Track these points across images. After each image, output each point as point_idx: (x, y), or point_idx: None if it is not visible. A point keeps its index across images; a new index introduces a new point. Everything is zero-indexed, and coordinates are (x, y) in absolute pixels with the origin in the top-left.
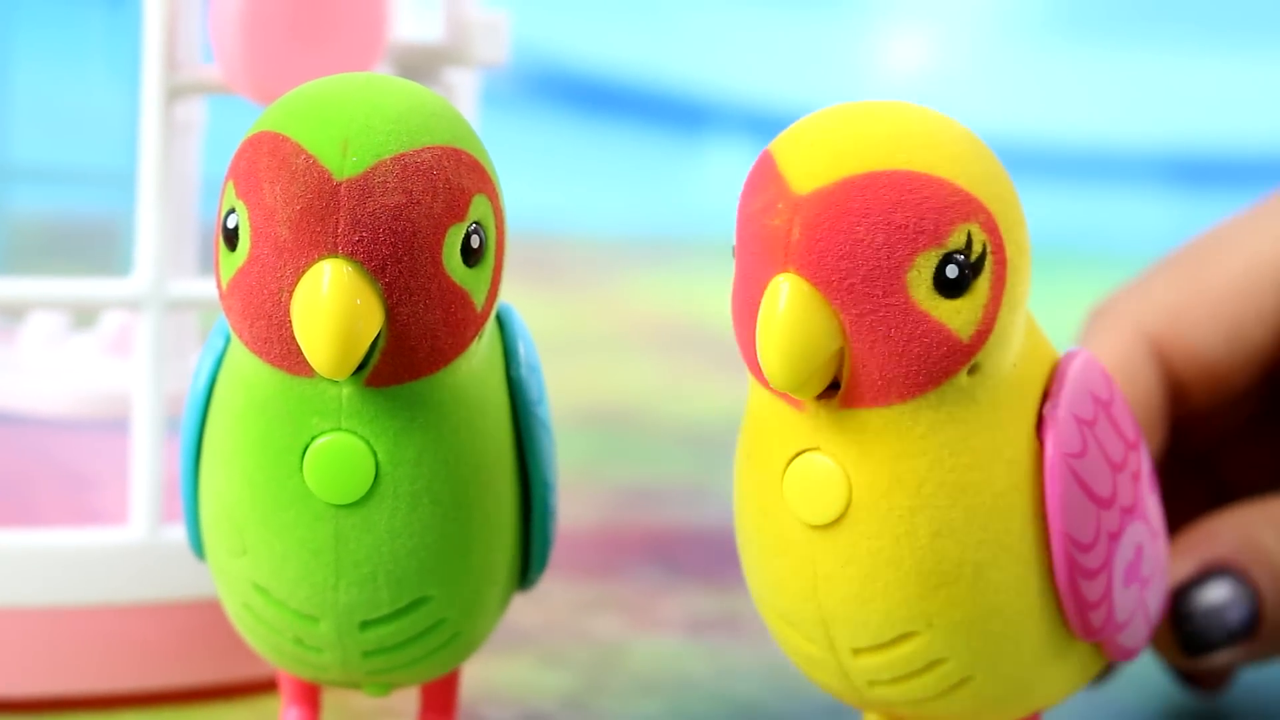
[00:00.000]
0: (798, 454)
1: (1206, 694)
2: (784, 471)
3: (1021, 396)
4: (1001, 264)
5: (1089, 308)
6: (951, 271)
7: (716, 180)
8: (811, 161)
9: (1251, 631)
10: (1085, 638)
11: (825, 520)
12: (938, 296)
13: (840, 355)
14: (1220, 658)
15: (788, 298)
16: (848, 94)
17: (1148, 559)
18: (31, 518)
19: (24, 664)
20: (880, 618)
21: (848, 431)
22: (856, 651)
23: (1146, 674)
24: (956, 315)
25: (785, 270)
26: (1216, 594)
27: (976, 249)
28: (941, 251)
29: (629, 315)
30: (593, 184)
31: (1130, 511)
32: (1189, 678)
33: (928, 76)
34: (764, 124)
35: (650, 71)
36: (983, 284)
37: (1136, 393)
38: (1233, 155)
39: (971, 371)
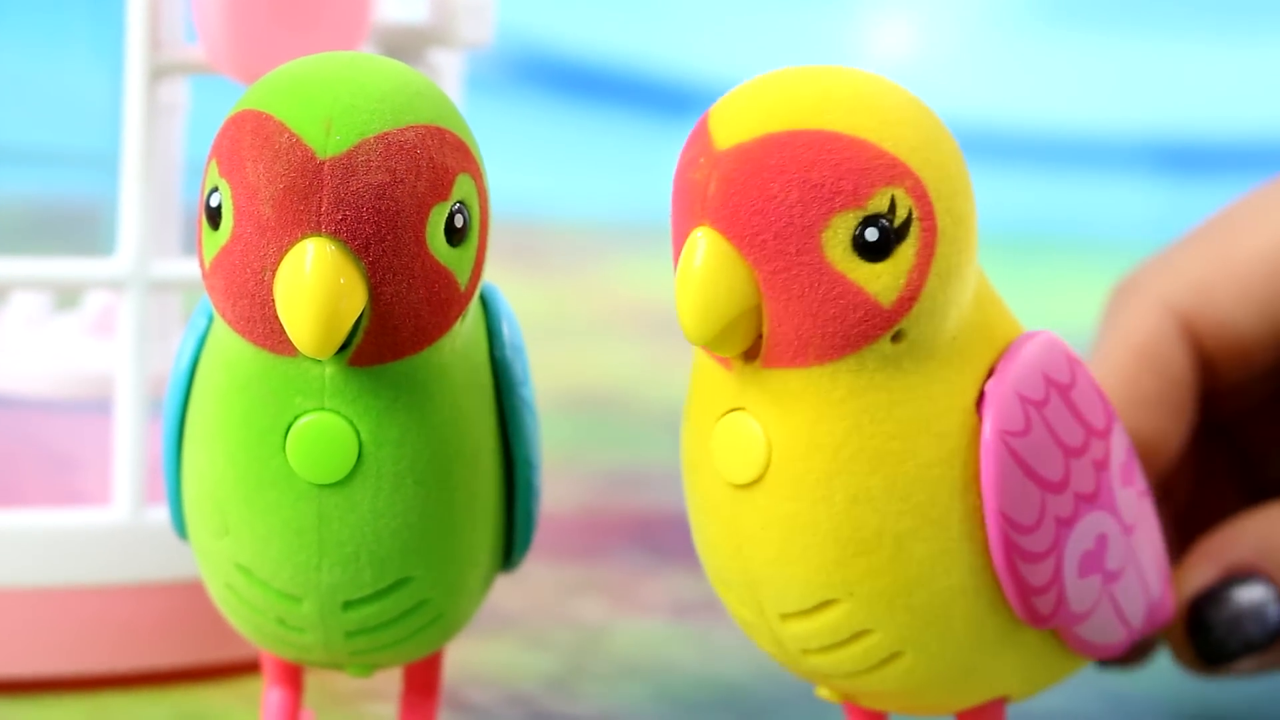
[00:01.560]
0: (726, 413)
1: (1213, 679)
2: (712, 430)
3: (961, 370)
4: (930, 231)
5: (1113, 284)
6: (871, 234)
7: None
8: (736, 119)
9: (1275, 640)
10: (1033, 623)
11: (746, 480)
12: (856, 259)
13: (759, 313)
14: (1241, 667)
15: (702, 251)
16: None
17: (1115, 552)
18: (14, 498)
19: (5, 644)
20: (800, 583)
21: (769, 391)
22: (784, 617)
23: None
24: (876, 279)
25: (702, 224)
26: (1239, 601)
27: (901, 214)
28: (861, 214)
29: (614, 300)
30: (578, 169)
31: (1090, 499)
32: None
33: (912, 63)
34: None
35: (636, 56)
36: (907, 250)
37: (1168, 372)
38: (1219, 142)
39: (896, 339)
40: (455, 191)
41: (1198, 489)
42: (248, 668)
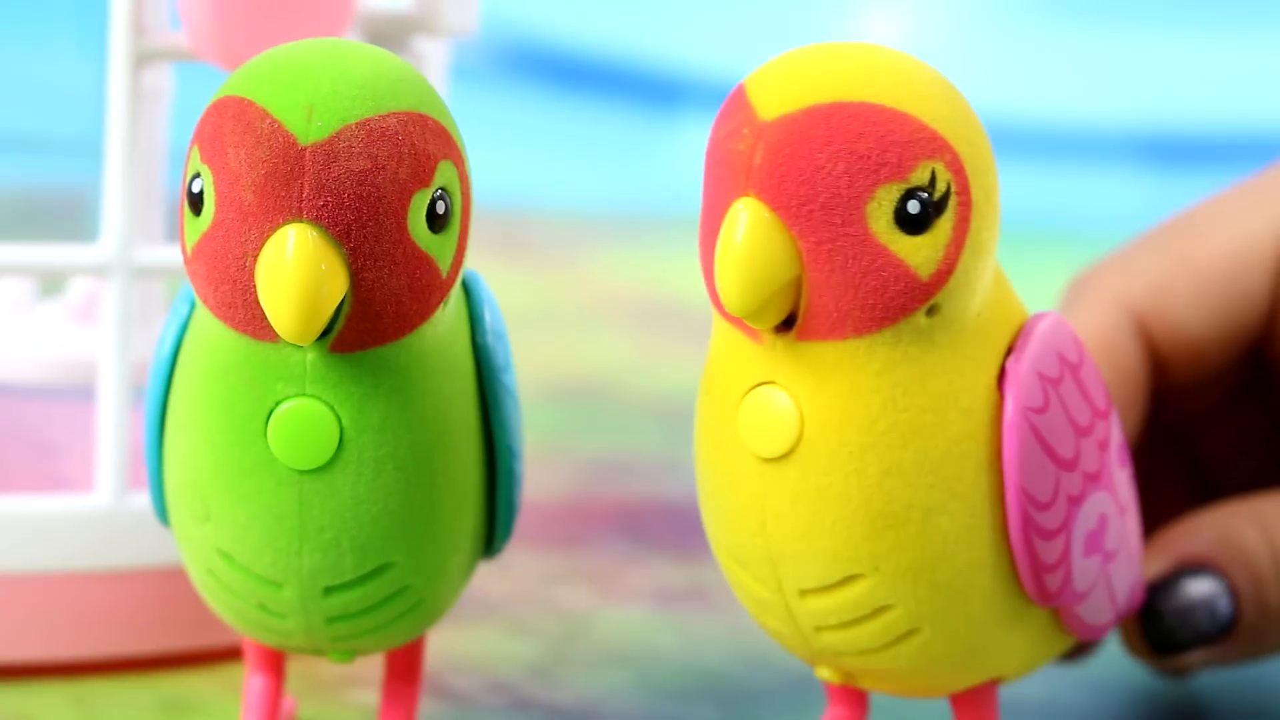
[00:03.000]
0: (754, 387)
1: (1172, 680)
2: (739, 404)
3: (984, 347)
4: (966, 205)
5: (1070, 277)
6: (913, 207)
7: (689, 156)
8: (779, 90)
9: (1226, 633)
10: (1041, 601)
11: (776, 454)
12: (898, 231)
13: (798, 285)
14: (1191, 658)
15: (747, 221)
16: None
17: (1113, 533)
18: None
19: None
20: (826, 557)
21: (802, 365)
22: (803, 593)
23: (1121, 653)
24: (916, 252)
25: (746, 194)
26: (1191, 592)
27: (940, 187)
28: (904, 186)
29: (601, 290)
30: (565, 159)
31: (1095, 479)
32: (1160, 668)
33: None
34: None
35: (623, 47)
36: (945, 223)
37: (1119, 366)
38: (1209, 135)
39: (930, 312)
40: (437, 178)
41: (1144, 490)
42: (230, 654)
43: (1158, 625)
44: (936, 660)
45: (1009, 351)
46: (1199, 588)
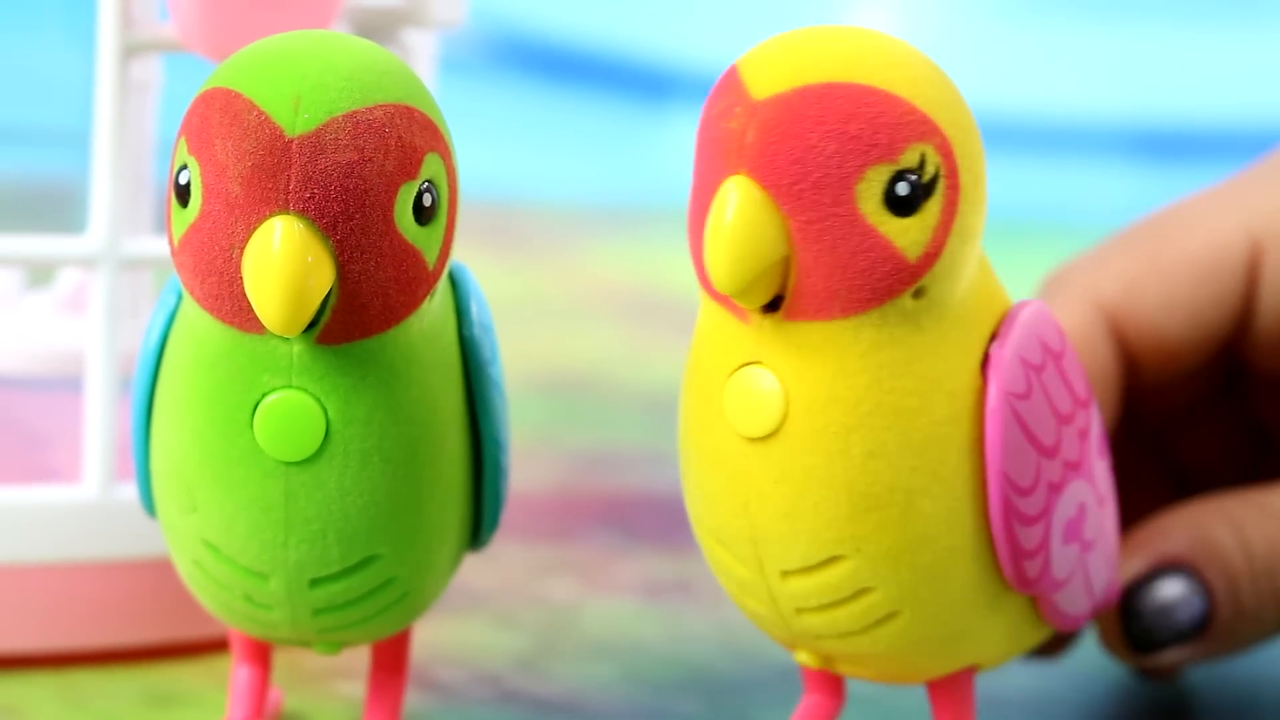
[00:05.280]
0: (740, 367)
1: (1156, 683)
2: (725, 384)
3: (968, 332)
4: (954, 189)
5: (1043, 276)
6: (902, 189)
7: (679, 149)
8: (772, 69)
9: (1202, 631)
10: (1020, 588)
11: (761, 433)
12: (886, 213)
13: (786, 265)
14: (1169, 656)
15: (738, 200)
16: None
17: (1091, 522)
18: None
19: None
20: (809, 538)
21: (789, 345)
22: (785, 574)
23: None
24: (904, 234)
25: (737, 173)
26: (1167, 592)
27: (929, 170)
28: (894, 168)
29: (590, 283)
30: (555, 152)
31: (1075, 468)
32: (1139, 667)
33: None
34: None
35: (613, 39)
36: (933, 206)
37: (1092, 362)
38: (1198, 128)
39: (917, 295)
40: (424, 170)
41: (1120, 489)
42: (216, 646)
43: (1136, 625)
44: (915, 644)
45: (993, 337)
46: (1175, 588)
